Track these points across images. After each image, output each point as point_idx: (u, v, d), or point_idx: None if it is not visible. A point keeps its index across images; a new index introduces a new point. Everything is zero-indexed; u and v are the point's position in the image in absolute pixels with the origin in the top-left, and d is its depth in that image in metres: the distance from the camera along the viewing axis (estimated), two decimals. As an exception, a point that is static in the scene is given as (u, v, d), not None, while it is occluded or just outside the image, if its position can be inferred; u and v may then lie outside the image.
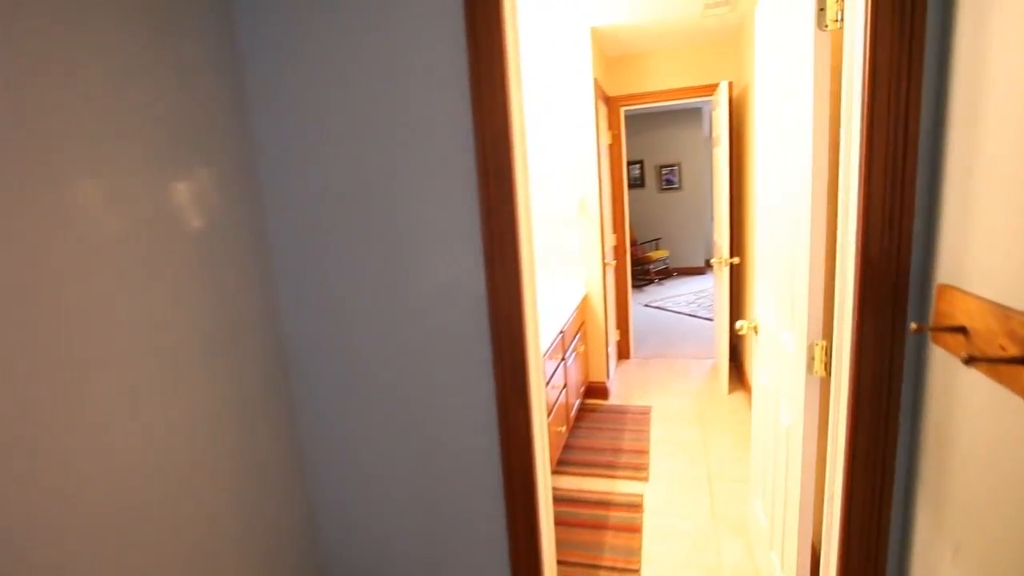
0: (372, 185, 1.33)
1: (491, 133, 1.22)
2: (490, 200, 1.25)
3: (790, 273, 1.42)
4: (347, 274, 1.40)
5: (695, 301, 6.31)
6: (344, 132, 1.32)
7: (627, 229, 4.33)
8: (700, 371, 4.08)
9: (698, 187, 7.82)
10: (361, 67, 1.28)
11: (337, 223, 1.37)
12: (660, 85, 3.99)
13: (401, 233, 1.34)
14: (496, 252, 1.26)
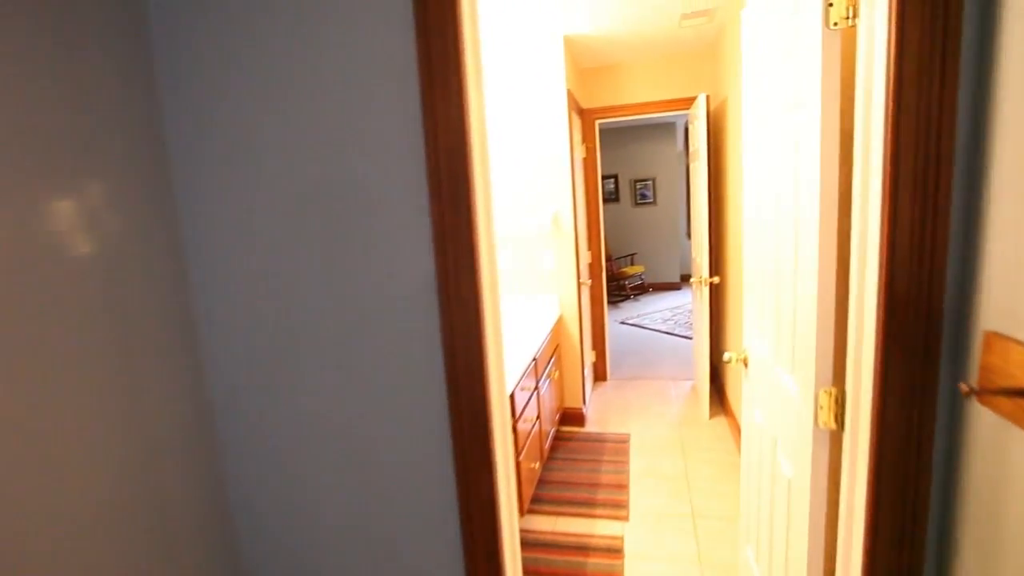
0: (307, 208, 1.11)
1: (446, 148, 1.02)
2: (444, 226, 1.04)
3: (790, 306, 1.25)
4: (276, 307, 1.17)
5: (672, 318, 6.20)
6: (276, 144, 1.10)
7: (603, 246, 4.17)
8: (679, 393, 3.92)
9: (673, 202, 7.78)
10: (294, 60, 1.07)
11: (259, 251, 1.15)
12: (635, 98, 3.87)
13: (337, 259, 1.12)
14: (452, 290, 1.05)
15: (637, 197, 7.85)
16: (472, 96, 1.05)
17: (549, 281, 3.32)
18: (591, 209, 4.04)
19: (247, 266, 1.16)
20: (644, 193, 7.81)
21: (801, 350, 1.19)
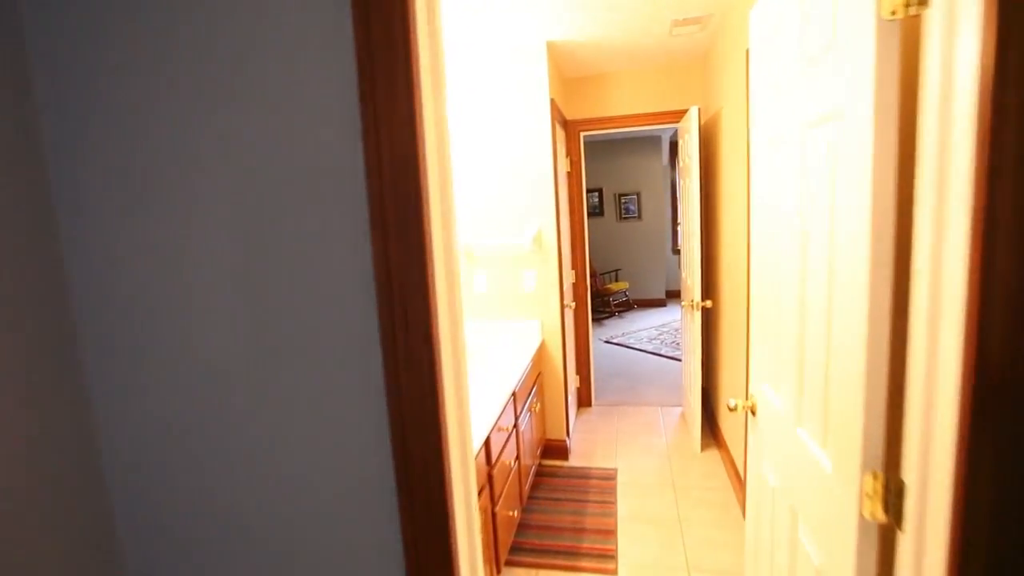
0: (208, 219, 0.85)
1: (392, 161, 0.77)
2: (389, 263, 0.79)
3: (819, 360, 1.03)
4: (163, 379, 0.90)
5: (658, 337, 6.00)
6: (167, 152, 0.84)
7: (587, 264, 3.96)
8: (668, 422, 3.69)
9: (658, 217, 7.64)
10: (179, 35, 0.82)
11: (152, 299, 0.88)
12: (622, 110, 3.68)
13: (251, 310, 0.86)
14: (402, 354, 0.81)
15: (622, 212, 7.70)
16: (428, 96, 0.81)
17: (530, 305, 3.08)
18: (576, 226, 3.83)
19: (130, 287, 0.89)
20: (629, 207, 7.66)
21: (838, 418, 0.96)
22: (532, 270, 3.04)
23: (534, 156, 2.93)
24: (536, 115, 2.90)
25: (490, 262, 3.09)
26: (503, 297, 3.10)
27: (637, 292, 7.71)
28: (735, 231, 2.61)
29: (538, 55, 2.85)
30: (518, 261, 3.05)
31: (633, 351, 5.52)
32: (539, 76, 2.86)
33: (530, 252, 3.02)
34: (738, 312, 2.59)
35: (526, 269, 3.05)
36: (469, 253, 3.10)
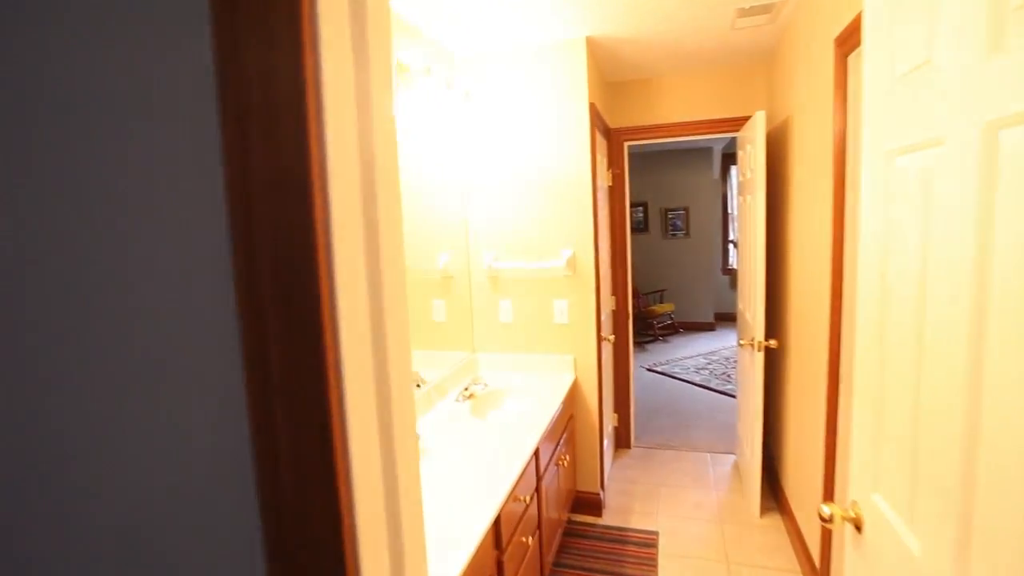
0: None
1: (267, 183, 0.43)
2: (268, 371, 0.45)
3: (1007, 498, 0.62)
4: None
5: (706, 367, 5.47)
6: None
7: (629, 289, 3.54)
8: (720, 474, 3.21)
9: (707, 234, 7.10)
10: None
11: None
12: (672, 117, 3.27)
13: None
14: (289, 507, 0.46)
15: (668, 228, 7.20)
16: (341, 66, 0.46)
17: (563, 338, 2.70)
18: (617, 246, 3.43)
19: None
20: (676, 224, 7.16)
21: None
22: (565, 300, 2.66)
23: (570, 168, 2.57)
24: (573, 121, 2.54)
25: (517, 289, 2.73)
26: (531, 329, 2.74)
27: (684, 315, 7.17)
28: (812, 261, 2.15)
29: (576, 53, 2.50)
30: (549, 288, 2.68)
31: (679, 382, 5.02)
32: (577, 77, 2.51)
33: (563, 278, 2.65)
34: (814, 359, 2.12)
35: (558, 298, 2.67)
36: (493, 278, 2.76)
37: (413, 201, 2.37)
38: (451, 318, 2.64)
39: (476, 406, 2.33)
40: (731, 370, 5.28)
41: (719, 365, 5.50)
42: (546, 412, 2.18)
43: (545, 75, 2.54)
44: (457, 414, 2.22)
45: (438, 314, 2.57)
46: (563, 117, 2.55)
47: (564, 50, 2.51)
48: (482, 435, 1.99)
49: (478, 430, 2.04)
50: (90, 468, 0.51)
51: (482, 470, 1.70)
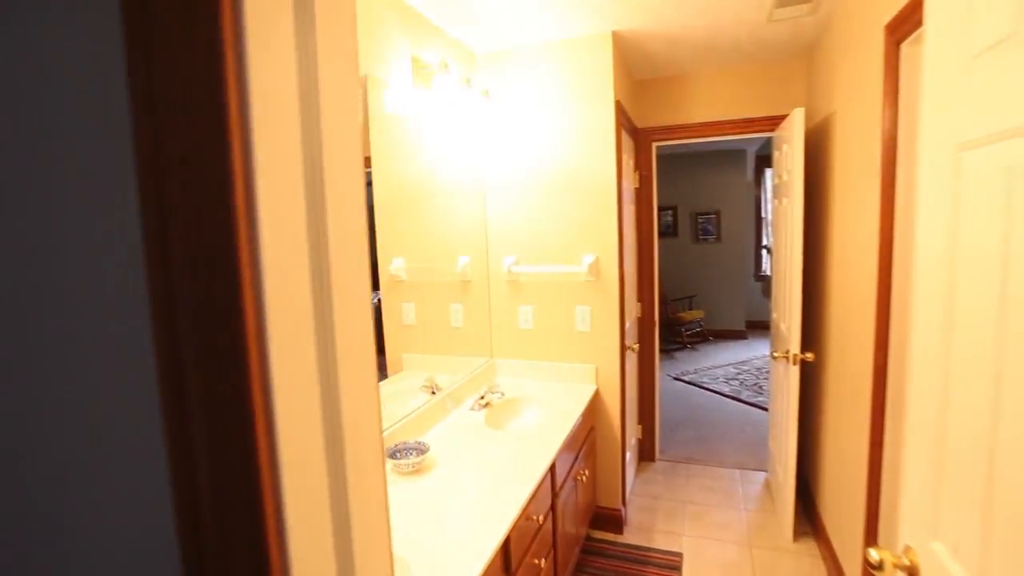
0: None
1: (197, 249, 0.35)
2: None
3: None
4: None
5: (737, 376, 5.26)
6: None
7: (656, 296, 3.40)
8: (750, 492, 3.04)
9: (739, 239, 6.86)
10: None
11: None
12: (703, 116, 3.13)
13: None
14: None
15: (698, 232, 6.99)
16: (279, 47, 0.38)
17: (584, 346, 2.59)
18: (644, 250, 3.30)
19: None
20: (706, 228, 6.94)
21: None
22: (587, 306, 2.55)
23: (594, 169, 2.46)
24: (598, 120, 2.43)
25: (537, 294, 2.63)
26: (552, 336, 2.63)
27: (713, 322, 6.94)
28: (855, 270, 1.99)
29: (601, 48, 2.39)
30: (571, 294, 2.57)
31: (707, 392, 4.83)
32: (602, 74, 2.40)
33: (586, 284, 2.54)
34: (856, 376, 1.96)
35: (581, 305, 2.56)
36: (513, 282, 2.67)
37: (431, 202, 2.30)
38: (469, 323, 2.56)
39: (492, 416, 2.25)
40: (763, 381, 5.06)
41: (750, 375, 5.27)
42: (565, 424, 2.07)
43: (569, 72, 2.44)
44: (471, 424, 2.13)
45: (456, 318, 2.49)
46: (587, 116, 2.44)
47: (589, 46, 2.40)
48: (496, 447, 1.90)
49: (492, 441, 1.95)
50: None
51: (493, 485, 1.61)
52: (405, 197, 2.14)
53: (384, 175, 2.00)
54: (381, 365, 2.03)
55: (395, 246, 2.06)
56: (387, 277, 2.03)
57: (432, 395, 2.22)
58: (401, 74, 1.99)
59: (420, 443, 1.78)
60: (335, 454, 0.41)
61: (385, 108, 1.95)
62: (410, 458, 1.71)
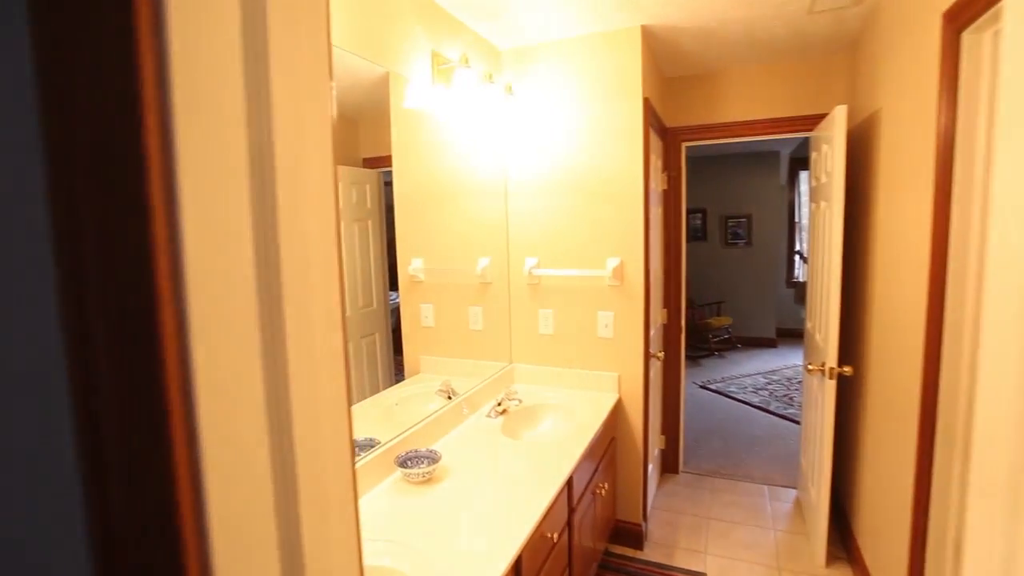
0: None
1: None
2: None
3: None
4: None
5: (766, 386, 5.06)
6: None
7: (683, 302, 3.27)
8: (779, 509, 2.89)
9: (771, 244, 6.63)
10: None
11: None
12: (736, 115, 2.99)
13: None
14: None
15: (728, 236, 6.78)
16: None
17: (607, 353, 2.49)
18: (671, 255, 3.18)
19: None
20: (737, 232, 6.73)
21: None
22: (610, 312, 2.45)
23: (620, 170, 2.36)
24: (625, 119, 2.33)
25: (558, 298, 2.54)
26: (573, 342, 2.54)
27: (742, 329, 6.72)
28: (902, 280, 1.85)
29: (629, 43, 2.29)
30: (594, 299, 2.47)
31: (734, 402, 4.66)
32: (630, 70, 2.30)
33: (609, 289, 2.44)
34: (901, 396, 1.82)
35: (603, 310, 2.46)
36: (534, 285, 2.59)
37: (451, 202, 2.25)
38: (488, 326, 2.50)
39: (508, 423, 2.17)
40: (794, 392, 4.85)
41: (780, 386, 5.07)
42: (584, 435, 1.98)
43: (595, 69, 2.35)
44: (487, 431, 2.06)
45: (475, 321, 2.43)
46: (614, 115, 2.34)
47: (617, 41, 2.31)
48: (512, 457, 1.82)
49: (508, 451, 1.88)
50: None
51: (507, 498, 1.54)
52: (425, 196, 2.09)
53: (404, 174, 1.95)
54: (398, 366, 1.98)
55: (414, 246, 2.01)
56: (406, 278, 1.99)
57: (448, 400, 2.16)
58: (420, 69, 1.93)
59: (432, 451, 1.72)
60: (286, 496, 0.34)
61: (404, 103, 1.90)
62: (421, 467, 1.64)
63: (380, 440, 1.72)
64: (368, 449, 1.66)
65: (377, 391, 1.85)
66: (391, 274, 1.93)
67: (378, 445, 1.69)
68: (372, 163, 1.80)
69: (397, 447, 1.73)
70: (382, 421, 1.83)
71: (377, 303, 1.86)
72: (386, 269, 1.88)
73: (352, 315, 1.75)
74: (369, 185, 1.80)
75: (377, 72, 1.78)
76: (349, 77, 1.69)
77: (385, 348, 1.92)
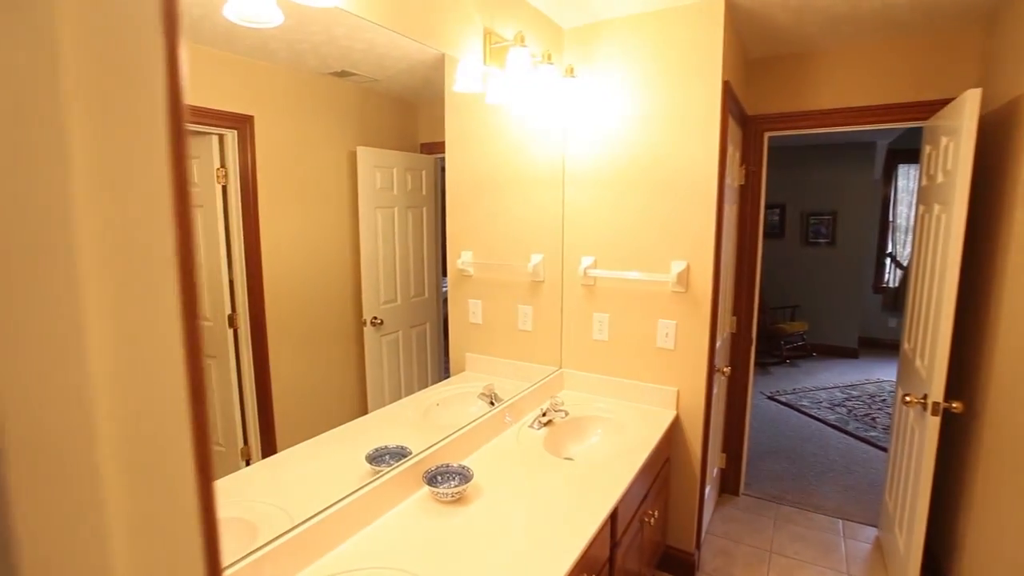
0: None
1: None
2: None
3: None
4: None
5: (845, 403, 4.59)
6: None
7: (755, 309, 2.96)
8: (855, 550, 2.56)
9: (858, 244, 6.00)
10: None
11: None
12: (830, 102, 2.62)
13: None
14: None
15: (808, 235, 6.21)
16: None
17: (667, 365, 2.26)
18: (745, 258, 2.87)
19: None
20: (819, 230, 6.15)
21: None
22: (672, 321, 2.21)
23: (692, 162, 2.10)
24: (700, 104, 2.07)
25: (615, 302, 2.33)
26: (629, 350, 2.33)
27: (819, 336, 6.17)
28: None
29: (710, 18, 2.01)
30: (655, 304, 2.24)
31: (806, 418, 4.25)
32: (709, 49, 2.02)
33: (672, 295, 2.20)
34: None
35: (665, 318, 2.23)
36: (589, 287, 2.39)
37: (504, 193, 2.10)
38: (538, 327, 2.34)
39: (552, 437, 2.01)
40: (877, 411, 4.37)
41: (861, 403, 4.59)
42: (636, 456, 1.79)
43: (667, 48, 2.09)
44: (528, 444, 1.91)
45: (524, 321, 2.28)
46: (688, 100, 2.08)
47: (694, 15, 2.03)
48: (552, 477, 1.66)
49: (549, 470, 1.72)
50: None
51: (544, 526, 1.38)
52: (476, 187, 1.97)
53: (456, 162, 1.85)
54: (443, 364, 1.89)
55: (464, 239, 1.92)
56: (454, 271, 1.90)
57: (491, 405, 2.03)
58: (471, 48, 1.77)
59: (464, 467, 1.59)
60: None
61: (454, 86, 1.75)
62: (451, 485, 1.51)
63: (411, 450, 1.61)
64: (399, 459, 1.55)
65: (425, 385, 1.80)
66: (445, 263, 1.85)
67: (408, 457, 1.58)
68: (429, 149, 1.74)
69: (428, 460, 1.61)
70: (417, 425, 1.73)
71: (429, 292, 1.80)
72: (439, 258, 1.84)
73: (402, 304, 1.69)
74: (425, 171, 1.73)
75: (431, 54, 1.66)
76: (405, 60, 1.59)
77: (436, 340, 1.84)
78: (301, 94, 1.29)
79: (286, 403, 1.31)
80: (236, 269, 1.19)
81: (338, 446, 1.44)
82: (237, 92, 1.15)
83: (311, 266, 1.36)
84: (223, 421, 1.22)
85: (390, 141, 1.58)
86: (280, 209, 1.25)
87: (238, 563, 1.10)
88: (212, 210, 1.16)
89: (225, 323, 1.21)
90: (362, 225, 1.51)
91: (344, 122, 1.41)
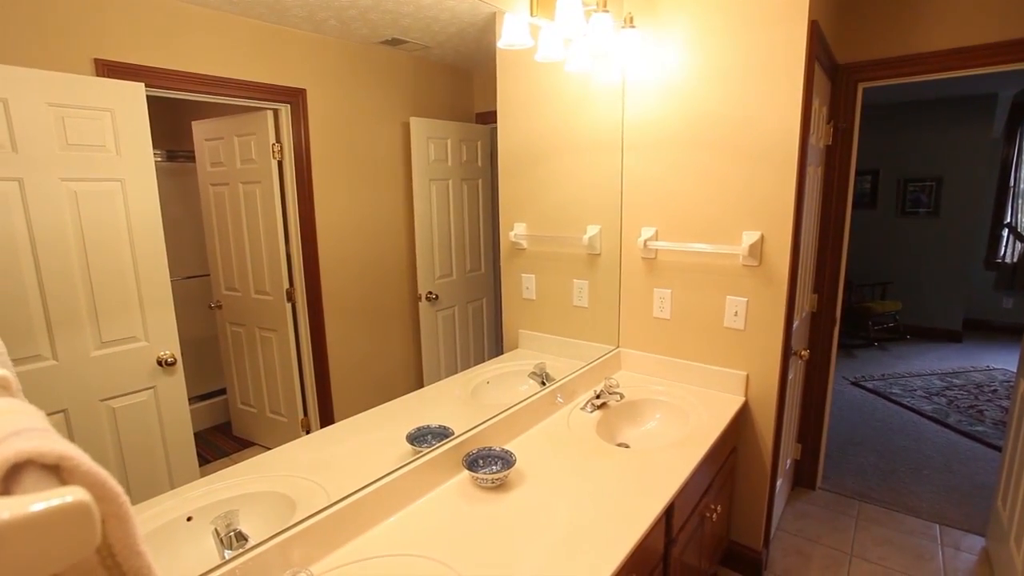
0: None
1: None
2: None
3: None
4: None
5: (944, 392, 4.10)
6: None
7: (841, 287, 2.64)
8: (956, 560, 2.26)
9: (966, 213, 5.28)
10: None
11: None
12: (946, 41, 2.23)
13: None
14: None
15: (906, 204, 5.55)
16: None
17: (735, 347, 2.05)
18: (830, 229, 2.55)
19: None
20: (919, 199, 5.47)
21: None
22: (743, 297, 2.00)
23: (768, 119, 1.85)
24: (779, 51, 1.80)
25: (678, 276, 2.14)
26: (693, 329, 2.14)
27: (914, 316, 5.56)
28: None
29: (799, -52, 1.73)
30: (723, 279, 2.03)
31: (897, 407, 3.83)
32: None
33: (743, 269, 1.98)
34: None
35: (734, 295, 2.01)
36: (649, 260, 2.20)
37: (557, 160, 1.97)
38: (594, 303, 2.20)
39: (605, 421, 1.88)
40: (986, 403, 3.87)
41: (965, 393, 4.08)
42: (696, 448, 1.62)
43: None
44: (579, 429, 1.79)
45: (579, 296, 2.15)
46: (765, 46, 1.81)
47: (780, -55, 1.75)
48: (603, 465, 1.54)
49: (600, 457, 1.59)
50: None
51: (589, 521, 1.27)
52: (528, 154, 1.85)
53: (508, 128, 1.75)
54: (496, 340, 1.82)
55: (516, 210, 1.83)
56: (506, 244, 1.82)
57: (541, 385, 1.93)
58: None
59: (506, 452, 1.50)
60: None
61: (499, 42, 1.61)
62: (491, 471, 1.43)
63: (454, 430, 1.54)
64: (440, 440, 1.49)
65: (481, 360, 1.76)
66: (493, 238, 1.78)
67: (449, 438, 1.51)
68: (484, 118, 1.66)
69: (470, 441, 1.53)
70: (465, 402, 1.67)
71: (485, 267, 1.75)
72: (496, 231, 1.78)
73: (457, 279, 1.65)
74: (480, 142, 1.66)
75: (481, 15, 1.55)
76: (454, 23, 1.49)
77: (492, 315, 1.78)
78: (353, 65, 1.25)
79: (342, 376, 1.31)
80: (292, 244, 1.20)
81: (385, 422, 1.40)
82: (289, 66, 1.12)
83: (365, 240, 1.34)
84: (284, 392, 1.23)
85: (444, 111, 1.50)
86: (334, 183, 1.24)
87: (264, 543, 1.07)
88: (269, 186, 1.16)
89: (283, 297, 1.21)
90: (416, 198, 1.46)
91: (397, 92, 1.35)
